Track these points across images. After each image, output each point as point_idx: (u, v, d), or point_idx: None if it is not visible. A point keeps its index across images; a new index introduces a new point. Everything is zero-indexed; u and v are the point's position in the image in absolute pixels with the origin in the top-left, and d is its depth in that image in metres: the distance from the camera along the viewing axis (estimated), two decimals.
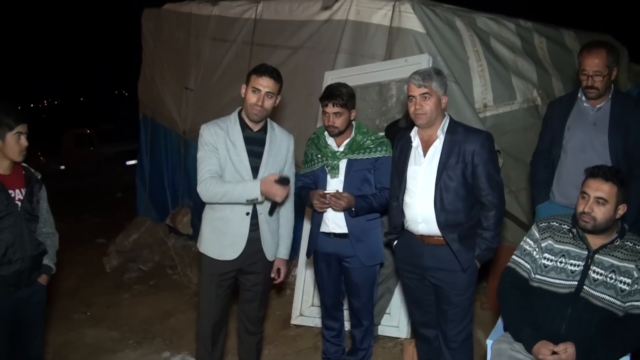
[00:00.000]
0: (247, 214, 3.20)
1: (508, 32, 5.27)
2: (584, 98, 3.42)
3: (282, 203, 3.20)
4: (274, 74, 3.14)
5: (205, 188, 3.13)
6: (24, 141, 3.13)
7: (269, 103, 3.14)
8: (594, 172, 2.59)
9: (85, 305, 5.82)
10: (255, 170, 3.20)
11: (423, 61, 4.38)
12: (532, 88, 5.04)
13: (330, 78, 4.85)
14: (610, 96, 3.37)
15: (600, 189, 2.56)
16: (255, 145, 3.23)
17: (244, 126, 3.23)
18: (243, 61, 5.90)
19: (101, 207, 10.77)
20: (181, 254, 6.43)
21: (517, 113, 4.96)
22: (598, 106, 3.39)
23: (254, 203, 3.14)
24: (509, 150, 4.79)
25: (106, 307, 5.75)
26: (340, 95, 3.35)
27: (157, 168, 7.55)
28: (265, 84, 3.11)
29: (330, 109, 3.35)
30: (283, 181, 3.04)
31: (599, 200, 2.55)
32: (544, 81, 5.22)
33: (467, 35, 4.84)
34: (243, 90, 3.17)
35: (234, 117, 3.27)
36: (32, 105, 48.67)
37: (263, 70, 3.14)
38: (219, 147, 3.18)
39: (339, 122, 3.36)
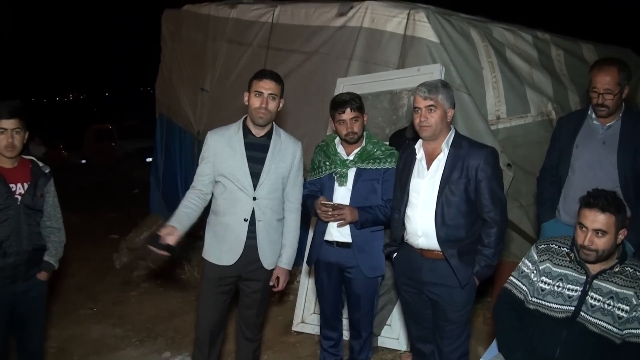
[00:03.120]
0: (245, 220, 3.20)
1: (525, 43, 5.20)
2: (593, 116, 3.36)
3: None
4: (274, 76, 3.17)
5: (184, 197, 3.33)
6: (7, 137, 3.13)
7: (272, 105, 3.15)
8: (589, 203, 2.49)
9: (92, 301, 5.88)
10: (255, 176, 3.19)
11: (435, 71, 4.35)
12: (546, 101, 4.97)
13: (343, 85, 4.84)
14: (620, 115, 3.30)
15: (598, 220, 2.46)
16: (257, 151, 3.23)
17: (246, 132, 3.23)
18: (258, 65, 5.88)
19: (117, 203, 10.89)
20: (190, 254, 6.46)
21: (531, 126, 4.88)
22: (608, 124, 3.32)
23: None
24: (520, 163, 4.73)
25: (112, 304, 5.80)
26: (353, 98, 3.36)
27: (171, 167, 7.59)
28: (267, 86, 3.12)
29: (348, 114, 3.33)
30: (153, 240, 3.08)
31: (598, 233, 2.47)
32: (560, 94, 5.14)
33: (481, 46, 4.79)
34: (246, 98, 3.18)
35: (238, 124, 3.28)
36: (57, 98, 49.36)
37: (263, 73, 3.18)
38: (218, 153, 3.20)
39: (357, 127, 3.35)
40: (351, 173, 3.38)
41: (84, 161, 21.07)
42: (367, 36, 4.95)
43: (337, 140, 3.49)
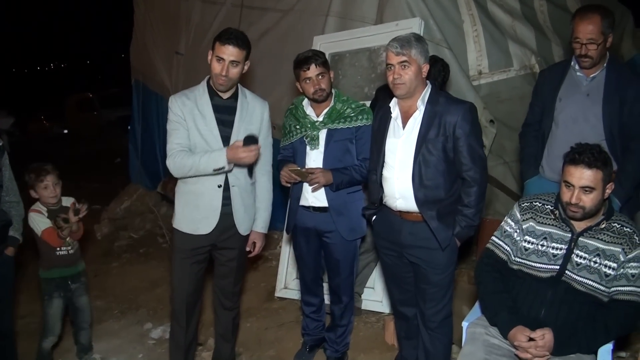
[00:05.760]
0: (219, 186, 3.06)
1: None
2: (577, 67, 3.20)
3: (256, 162, 3.04)
4: (239, 40, 2.92)
5: (173, 161, 2.99)
6: None
7: (234, 72, 2.95)
8: (575, 159, 2.36)
9: None
10: (226, 140, 3.04)
11: (414, 25, 4.18)
12: (530, 54, 4.81)
13: (320, 43, 4.67)
14: (605, 65, 3.15)
15: (584, 177, 2.33)
16: (225, 113, 3.06)
17: (212, 94, 3.06)
18: (233, 24, 5.66)
19: (100, 173, 10.72)
20: (171, 223, 6.33)
21: (514, 81, 4.74)
22: (592, 75, 3.17)
23: (222, 172, 2.99)
24: (504, 119, 4.62)
25: (94, 276, 5.68)
26: (317, 54, 3.22)
27: (149, 135, 7.41)
28: (229, 52, 2.90)
29: (314, 70, 3.17)
30: (248, 140, 2.87)
31: (586, 189, 2.35)
32: (544, 47, 4.98)
33: None
34: (209, 57, 2.98)
35: (202, 86, 3.10)
36: (38, 68, 48.46)
37: (226, 37, 2.91)
38: (187, 119, 3.02)
39: (324, 83, 3.20)
40: (322, 135, 3.25)
41: (65, 131, 20.76)
42: None
43: (306, 101, 3.35)
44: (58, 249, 3.48)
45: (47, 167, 3.49)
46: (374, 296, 4.06)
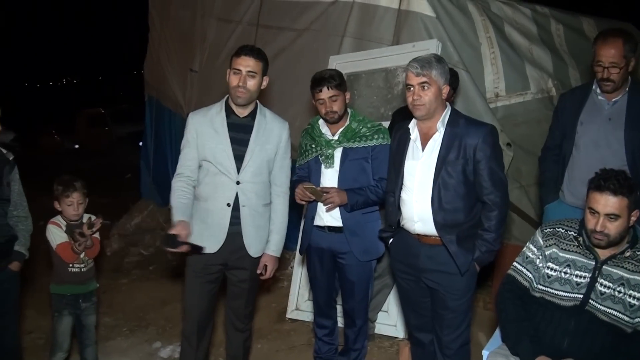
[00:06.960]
0: (228, 205, 3.03)
1: (524, 18, 5.01)
2: (598, 91, 3.17)
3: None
4: (255, 52, 2.96)
5: (172, 187, 3.09)
6: None
7: (252, 83, 2.94)
8: (600, 185, 2.31)
9: None
10: (239, 159, 3.02)
11: (432, 47, 4.16)
12: (547, 78, 4.80)
13: (335, 63, 4.66)
14: (627, 89, 3.12)
15: (610, 204, 2.29)
16: (240, 132, 3.04)
17: (229, 112, 3.05)
18: (248, 43, 5.70)
19: (110, 188, 10.68)
20: None
21: (531, 104, 4.72)
22: (614, 100, 3.14)
23: None
24: (520, 142, 4.58)
25: (103, 292, 5.62)
26: (332, 76, 3.19)
27: (161, 151, 7.40)
28: (245, 63, 2.92)
29: (326, 93, 3.16)
30: (170, 241, 2.88)
31: (611, 217, 2.30)
32: (560, 71, 4.97)
33: (479, 21, 4.60)
34: (228, 77, 2.99)
35: (220, 104, 3.10)
36: (50, 83, 48.91)
37: (242, 49, 2.97)
38: (200, 136, 3.03)
39: (337, 106, 3.18)
40: (337, 153, 3.23)
41: (77, 146, 20.85)
42: (360, 11, 4.77)
43: (321, 120, 3.33)
44: (71, 265, 3.42)
45: (76, 184, 3.41)
46: (388, 320, 3.99)
